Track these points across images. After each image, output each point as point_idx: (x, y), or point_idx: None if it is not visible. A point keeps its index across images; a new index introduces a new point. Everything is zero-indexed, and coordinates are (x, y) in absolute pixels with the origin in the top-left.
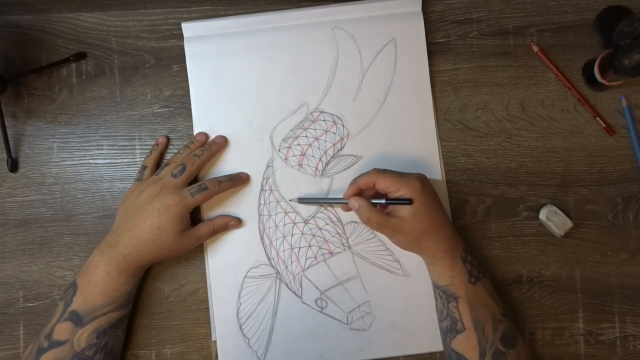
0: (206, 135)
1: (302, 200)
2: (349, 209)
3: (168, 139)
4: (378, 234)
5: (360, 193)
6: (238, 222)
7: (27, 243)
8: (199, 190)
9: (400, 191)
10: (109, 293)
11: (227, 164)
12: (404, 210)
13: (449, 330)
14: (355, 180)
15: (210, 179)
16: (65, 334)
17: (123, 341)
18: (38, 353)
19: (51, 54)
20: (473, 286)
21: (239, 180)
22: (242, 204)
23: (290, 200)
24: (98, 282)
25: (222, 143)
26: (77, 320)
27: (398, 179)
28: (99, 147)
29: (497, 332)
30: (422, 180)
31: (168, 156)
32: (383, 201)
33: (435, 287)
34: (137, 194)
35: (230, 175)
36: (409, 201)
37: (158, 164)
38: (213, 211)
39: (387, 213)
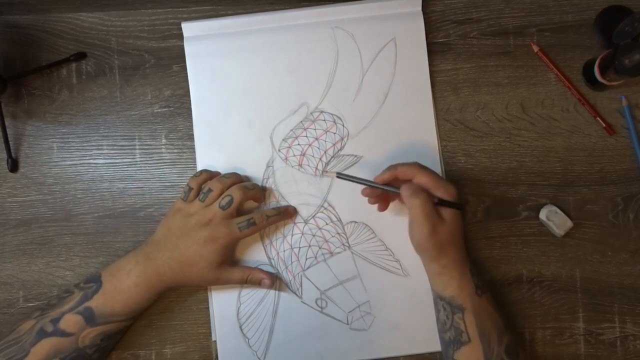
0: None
1: (340, 176)
2: (384, 197)
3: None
4: (379, 234)
5: (393, 180)
6: (272, 283)
7: (27, 243)
8: (247, 225)
9: (439, 191)
10: (130, 305)
11: (227, 164)
12: (446, 213)
13: (453, 342)
14: (395, 167)
15: (258, 213)
16: (73, 327)
17: None
18: (39, 334)
19: (51, 54)
20: (479, 298)
21: (287, 215)
22: None
23: (326, 172)
24: (125, 290)
25: (265, 192)
26: (90, 318)
27: (438, 179)
28: (99, 147)
29: (502, 344)
30: (455, 189)
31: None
32: (436, 200)
33: (439, 298)
34: (185, 216)
35: (278, 209)
36: (461, 206)
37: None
38: None
39: None
